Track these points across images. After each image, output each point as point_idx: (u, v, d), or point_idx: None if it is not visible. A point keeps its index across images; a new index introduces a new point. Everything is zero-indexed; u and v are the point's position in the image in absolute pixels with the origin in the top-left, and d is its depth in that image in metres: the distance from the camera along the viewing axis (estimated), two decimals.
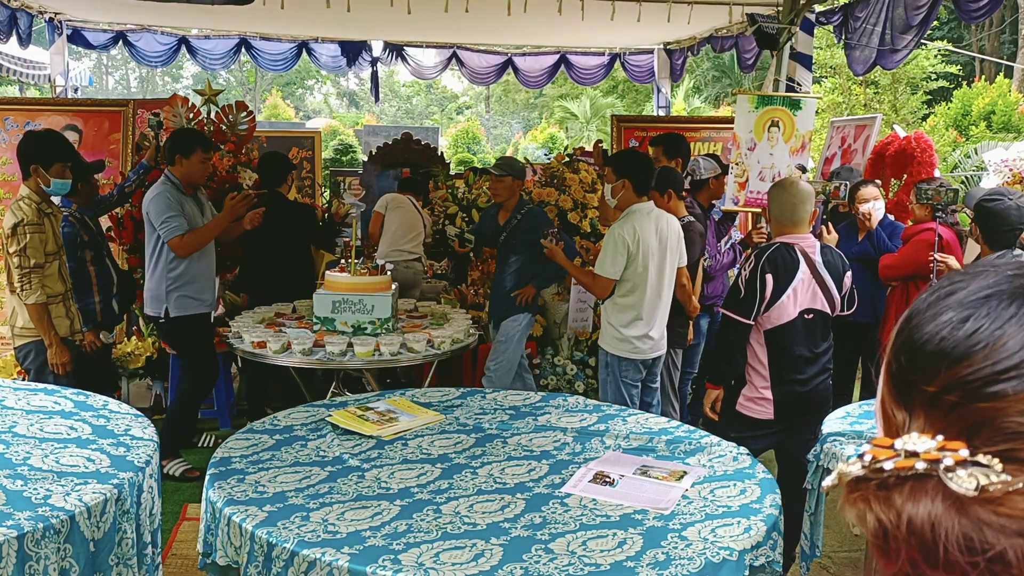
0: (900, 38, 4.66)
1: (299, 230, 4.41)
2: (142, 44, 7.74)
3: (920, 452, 0.48)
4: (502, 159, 4.44)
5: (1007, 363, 0.50)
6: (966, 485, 0.46)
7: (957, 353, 0.52)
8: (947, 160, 9.92)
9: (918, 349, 0.54)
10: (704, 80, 19.87)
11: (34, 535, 1.86)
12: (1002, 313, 0.52)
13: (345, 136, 13.44)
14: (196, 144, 3.86)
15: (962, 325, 0.53)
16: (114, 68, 27.96)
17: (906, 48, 4.72)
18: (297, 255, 4.49)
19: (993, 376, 0.50)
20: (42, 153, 3.43)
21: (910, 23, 4.52)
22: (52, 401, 2.77)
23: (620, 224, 3.45)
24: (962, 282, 0.56)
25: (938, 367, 0.53)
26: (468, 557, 1.78)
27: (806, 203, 2.82)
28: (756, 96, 4.47)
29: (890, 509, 0.48)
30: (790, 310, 2.78)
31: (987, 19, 16.02)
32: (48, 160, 3.42)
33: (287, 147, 6.84)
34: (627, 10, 5.57)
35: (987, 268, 0.56)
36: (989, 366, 0.51)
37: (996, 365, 0.51)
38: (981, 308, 0.53)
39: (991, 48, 17.76)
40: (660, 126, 6.54)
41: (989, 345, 0.51)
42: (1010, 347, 0.51)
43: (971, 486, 0.46)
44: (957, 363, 0.52)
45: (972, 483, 0.46)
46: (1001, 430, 0.49)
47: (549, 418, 2.70)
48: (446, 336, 3.53)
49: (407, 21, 5.90)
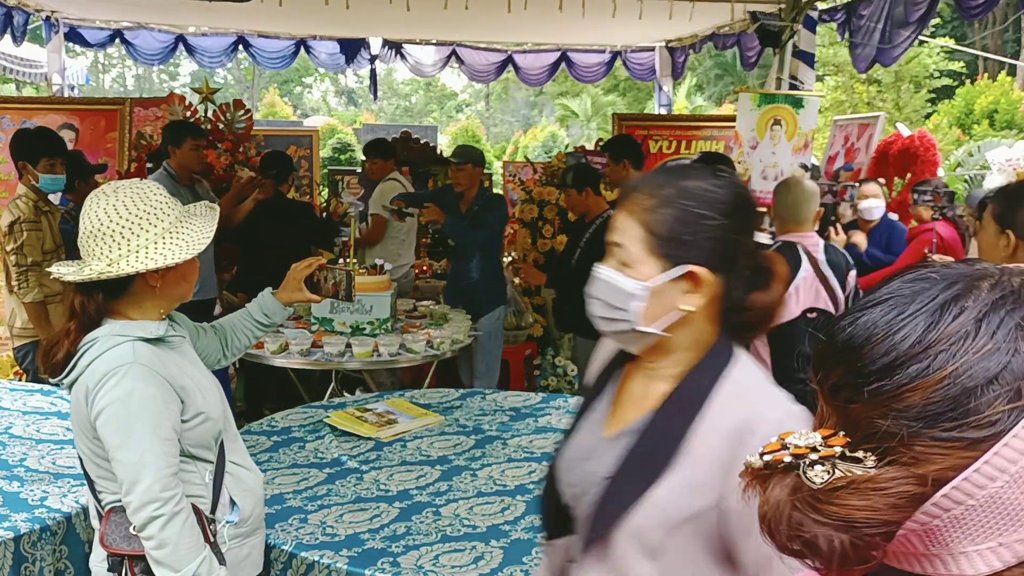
0: (898, 34, 4.64)
1: (298, 229, 4.39)
2: (139, 42, 7.71)
3: (800, 445, 0.53)
4: (461, 147, 4.33)
5: (876, 364, 0.52)
6: (815, 480, 0.51)
7: (842, 352, 0.54)
8: (950, 158, 9.90)
9: (822, 348, 0.57)
10: (706, 78, 19.85)
11: (30, 536, 1.85)
12: (906, 308, 0.53)
13: (343, 134, 13.41)
14: (186, 133, 3.98)
15: (851, 324, 0.54)
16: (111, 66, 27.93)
17: (903, 44, 4.71)
18: (295, 254, 4.46)
19: (864, 377, 0.52)
20: (29, 150, 3.42)
21: (908, 19, 4.50)
22: (49, 402, 2.74)
23: None
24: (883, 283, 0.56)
25: (831, 365, 0.55)
26: (468, 560, 1.76)
27: (810, 202, 2.80)
28: (758, 94, 4.45)
29: (762, 494, 0.54)
30: (793, 309, 2.76)
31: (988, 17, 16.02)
32: (35, 156, 3.40)
33: (285, 145, 6.81)
34: (628, 7, 5.54)
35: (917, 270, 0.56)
36: (863, 366, 0.52)
37: (867, 367, 0.52)
38: (876, 308, 0.54)
39: (994, 46, 17.74)
40: (661, 124, 6.52)
41: (871, 342, 0.53)
42: (880, 349, 0.52)
43: (818, 480, 0.51)
44: (841, 362, 0.54)
45: (821, 478, 0.51)
46: (870, 429, 0.52)
47: (550, 419, 2.68)
48: (446, 336, 3.51)
49: (406, 18, 5.88)
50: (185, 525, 1.44)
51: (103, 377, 1.45)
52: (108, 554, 1.51)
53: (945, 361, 0.49)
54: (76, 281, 1.48)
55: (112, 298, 1.52)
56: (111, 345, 1.48)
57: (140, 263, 1.46)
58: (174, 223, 1.52)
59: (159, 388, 1.47)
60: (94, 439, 1.48)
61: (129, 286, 1.51)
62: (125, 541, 1.48)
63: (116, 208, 1.48)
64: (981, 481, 0.48)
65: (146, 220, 1.48)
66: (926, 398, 0.49)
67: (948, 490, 0.48)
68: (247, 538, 1.67)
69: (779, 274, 1.09)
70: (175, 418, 1.49)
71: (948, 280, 0.53)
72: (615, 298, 1.05)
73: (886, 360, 0.51)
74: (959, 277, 0.53)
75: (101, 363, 1.46)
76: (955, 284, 0.53)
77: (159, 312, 1.57)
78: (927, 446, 0.49)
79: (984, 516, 0.48)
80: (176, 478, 1.47)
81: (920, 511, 0.49)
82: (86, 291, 1.50)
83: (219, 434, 1.62)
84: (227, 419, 1.68)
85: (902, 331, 0.51)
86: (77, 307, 1.51)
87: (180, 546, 1.43)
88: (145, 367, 1.46)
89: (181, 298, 1.61)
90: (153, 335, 1.51)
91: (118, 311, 1.53)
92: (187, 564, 1.43)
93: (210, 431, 1.57)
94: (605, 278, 1.07)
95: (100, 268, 1.46)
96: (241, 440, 1.75)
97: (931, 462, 0.49)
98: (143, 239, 1.47)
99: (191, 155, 3.96)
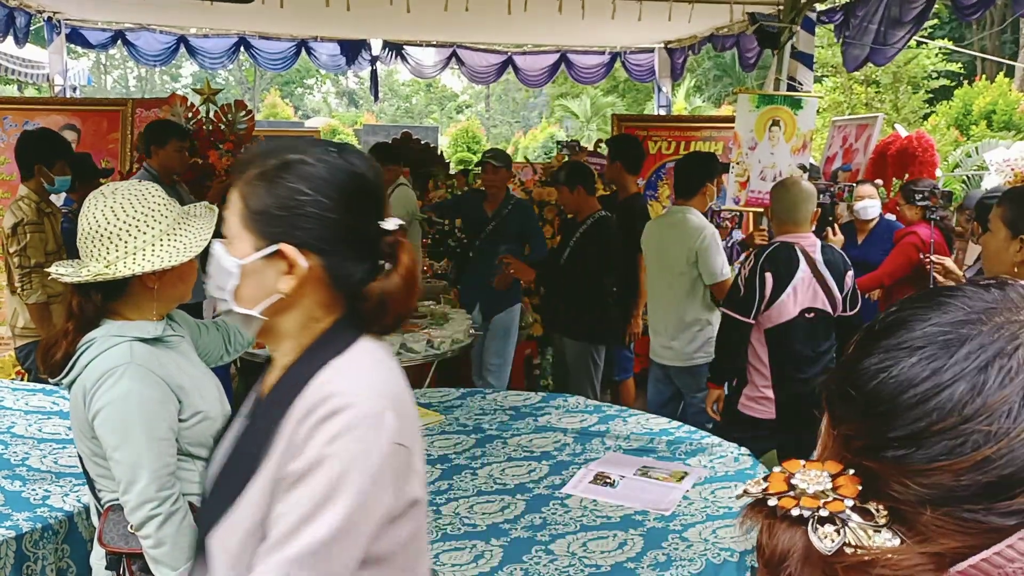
0: (892, 34, 4.66)
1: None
2: (141, 43, 7.73)
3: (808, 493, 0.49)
4: (497, 151, 4.49)
5: (904, 430, 0.47)
6: (824, 542, 0.48)
7: (866, 404, 0.50)
8: (948, 159, 9.91)
9: (841, 390, 0.52)
10: (705, 79, 19.86)
11: (32, 535, 1.86)
12: (944, 364, 0.47)
13: (344, 135, 13.43)
14: (170, 134, 3.94)
15: (880, 373, 0.50)
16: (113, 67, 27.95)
17: (898, 44, 4.72)
18: None
19: (888, 441, 0.48)
20: (45, 152, 3.44)
21: (903, 19, 4.51)
22: (51, 402, 2.76)
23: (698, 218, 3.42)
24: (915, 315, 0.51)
25: (850, 413, 0.51)
26: (468, 558, 1.77)
27: (808, 202, 2.81)
28: (757, 95, 4.46)
29: (770, 537, 0.50)
30: (790, 309, 2.77)
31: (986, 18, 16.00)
32: (51, 159, 3.43)
33: None
34: (628, 9, 5.56)
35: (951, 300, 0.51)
36: (888, 429, 0.48)
37: (894, 430, 0.48)
38: (910, 358, 0.49)
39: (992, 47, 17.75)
40: (661, 125, 6.53)
41: (901, 403, 0.48)
42: (912, 415, 0.48)
43: (828, 544, 0.47)
44: (862, 415, 0.50)
45: (831, 541, 0.47)
46: (885, 490, 0.48)
47: (549, 419, 2.69)
48: (446, 336, 3.52)
49: (407, 20, 5.89)
50: (182, 524, 1.45)
51: (100, 378, 1.46)
52: (106, 552, 1.52)
53: (983, 441, 0.45)
54: (73, 282, 1.49)
55: (110, 299, 1.53)
56: (108, 346, 1.49)
57: (137, 265, 1.47)
58: (172, 225, 1.52)
59: (156, 388, 1.48)
60: (92, 439, 1.49)
61: (127, 287, 1.52)
62: (123, 539, 1.50)
63: (113, 210, 1.49)
64: (999, 562, 0.45)
65: (143, 222, 1.49)
66: (955, 479, 0.45)
67: (964, 567, 0.46)
68: None
69: (404, 263, 0.98)
70: (172, 418, 1.50)
71: (992, 326, 0.48)
72: (219, 276, 0.98)
73: (916, 428, 0.46)
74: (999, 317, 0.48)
75: (98, 364, 1.47)
76: (1000, 329, 0.47)
77: (157, 313, 1.57)
78: (945, 521, 0.46)
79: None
80: (173, 477, 1.48)
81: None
82: (84, 292, 1.51)
83: (218, 433, 1.63)
84: (227, 417, 1.69)
85: (939, 397, 0.46)
86: (75, 308, 1.52)
87: (177, 545, 1.44)
88: (142, 367, 1.47)
89: (179, 299, 1.62)
90: (151, 335, 1.52)
91: (116, 311, 1.54)
92: (184, 563, 1.44)
93: (208, 430, 1.58)
94: (213, 254, 0.99)
95: (97, 270, 1.47)
96: None
97: (949, 538, 0.46)
98: (140, 241, 1.48)
99: (174, 156, 3.92)
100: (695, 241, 3.33)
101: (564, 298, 3.83)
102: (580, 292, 3.73)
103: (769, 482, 0.51)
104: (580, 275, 3.71)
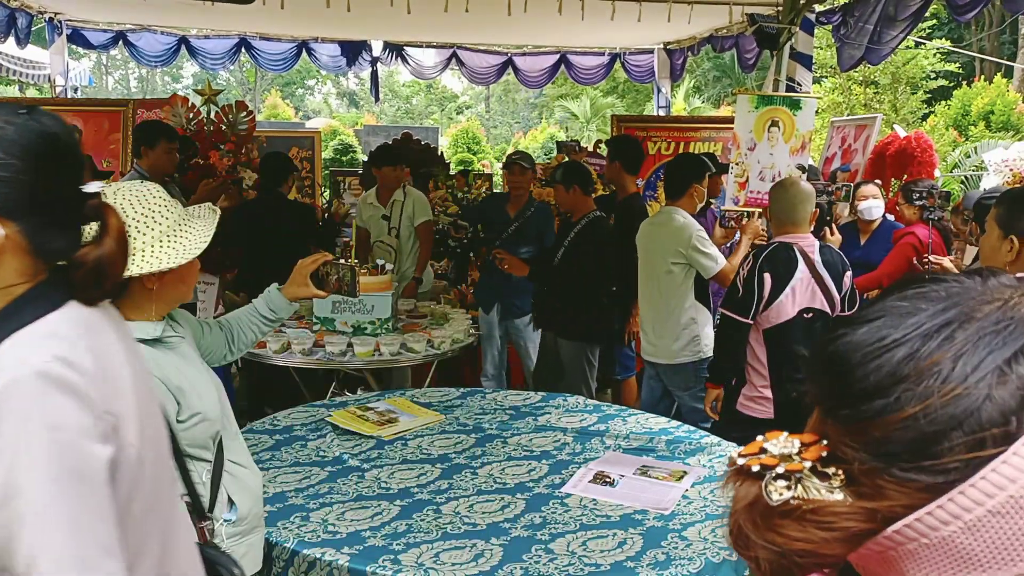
0: (887, 33, 4.67)
1: (299, 230, 4.41)
2: (142, 44, 7.74)
3: (773, 454, 0.52)
4: (523, 154, 4.56)
5: (851, 389, 0.50)
6: (773, 496, 0.51)
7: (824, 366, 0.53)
8: (947, 160, 9.93)
9: (812, 354, 0.56)
10: (704, 80, 19.86)
11: None
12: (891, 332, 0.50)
13: (345, 136, 13.43)
14: (160, 135, 3.97)
15: (840, 338, 0.52)
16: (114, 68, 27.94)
17: (891, 43, 4.74)
18: (297, 255, 4.48)
19: (836, 399, 0.51)
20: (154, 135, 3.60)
21: (898, 16, 4.53)
22: None
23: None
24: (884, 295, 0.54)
25: (813, 376, 0.55)
26: (468, 557, 1.78)
27: (806, 203, 2.82)
28: (756, 96, 4.47)
29: (732, 488, 0.54)
30: (789, 309, 2.78)
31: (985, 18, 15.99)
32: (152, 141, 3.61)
33: (287, 147, 6.84)
34: (627, 10, 5.57)
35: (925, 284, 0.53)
36: (838, 389, 0.51)
37: (841, 390, 0.51)
38: (868, 325, 0.51)
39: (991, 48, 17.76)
40: (660, 126, 6.55)
41: (850, 364, 0.51)
42: (856, 375, 0.50)
43: (776, 497, 0.50)
44: (822, 377, 0.53)
45: (779, 495, 0.50)
46: (837, 452, 0.51)
47: (549, 418, 2.70)
48: (446, 336, 3.53)
49: (407, 21, 5.90)
50: None
51: None
52: None
53: (909, 401, 0.47)
54: None
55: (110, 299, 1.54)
56: None
57: (136, 267, 1.46)
58: (172, 226, 1.52)
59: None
60: None
61: (126, 288, 1.51)
62: None
63: None
64: (933, 523, 0.47)
65: (143, 223, 1.49)
66: (886, 436, 0.48)
67: (899, 527, 0.48)
68: (245, 536, 1.68)
69: (114, 226, 0.96)
70: (169, 420, 1.50)
71: (949, 302, 0.50)
72: None
73: (859, 387, 0.50)
74: (964, 298, 0.50)
75: None
76: (954, 307, 0.49)
77: (157, 313, 1.57)
78: (885, 481, 0.48)
79: (938, 556, 0.47)
80: None
81: (872, 541, 0.49)
82: None
83: (217, 434, 1.63)
84: (227, 418, 1.69)
85: (879, 359, 0.49)
86: None
87: None
88: None
89: (179, 300, 1.62)
90: (150, 336, 1.52)
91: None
92: None
93: (207, 431, 1.58)
94: None
95: None
96: (241, 439, 1.76)
97: (886, 497, 0.48)
98: (140, 242, 1.48)
99: (164, 158, 3.94)
100: (680, 240, 3.35)
101: (559, 298, 3.83)
102: (575, 292, 3.74)
103: (745, 447, 0.54)
104: (575, 275, 3.72)
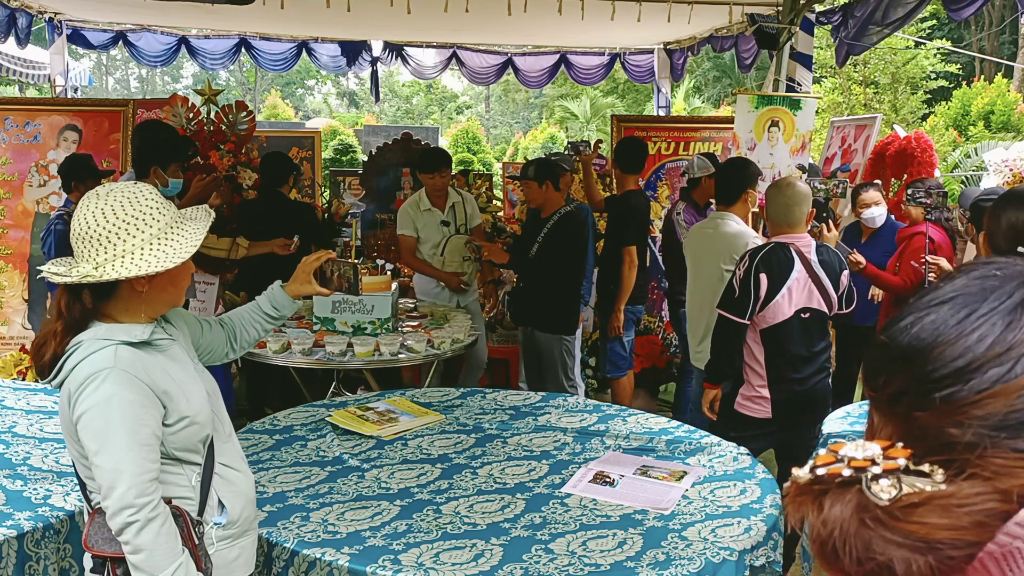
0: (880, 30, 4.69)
1: (299, 230, 4.41)
2: (142, 44, 7.74)
3: (857, 458, 0.47)
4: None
5: (948, 368, 0.47)
6: (882, 495, 0.46)
7: (906, 355, 0.50)
8: (947, 160, 9.93)
9: (880, 352, 0.53)
10: (704, 80, 19.87)
11: (34, 535, 1.87)
12: (978, 307, 0.48)
13: (345, 136, 13.42)
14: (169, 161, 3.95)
15: (914, 325, 0.50)
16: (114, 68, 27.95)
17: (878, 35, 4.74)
18: (297, 255, 4.49)
19: (934, 382, 0.48)
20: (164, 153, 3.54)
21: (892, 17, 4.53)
22: (52, 401, 2.76)
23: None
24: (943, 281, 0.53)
25: (892, 370, 0.51)
26: (468, 557, 1.78)
27: (802, 204, 2.82)
28: (756, 96, 4.47)
29: (818, 514, 0.48)
30: (785, 309, 2.78)
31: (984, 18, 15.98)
32: (168, 160, 3.54)
33: (287, 147, 6.83)
34: (627, 10, 5.57)
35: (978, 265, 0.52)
36: (933, 370, 0.48)
37: (938, 370, 0.48)
38: (942, 307, 0.50)
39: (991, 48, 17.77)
40: (660, 126, 6.54)
41: (940, 343, 0.48)
42: (953, 351, 0.48)
43: (885, 496, 0.46)
44: (905, 366, 0.50)
45: (888, 494, 0.46)
46: (941, 439, 0.47)
47: (549, 418, 2.70)
48: (446, 336, 3.53)
49: (407, 21, 5.90)
50: (161, 531, 1.43)
51: (84, 381, 1.45)
52: (91, 556, 1.52)
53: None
54: (61, 283, 1.48)
55: (101, 300, 1.51)
56: (94, 349, 1.47)
57: (124, 269, 1.45)
58: (164, 229, 1.50)
59: (139, 393, 1.46)
60: (79, 442, 1.48)
61: (116, 289, 1.50)
62: (107, 543, 1.48)
63: (104, 212, 1.47)
64: None
65: (133, 225, 1.47)
66: (1009, 405, 0.45)
67: None
68: (236, 539, 1.66)
69: None
70: (155, 423, 1.48)
71: (1018, 277, 0.49)
72: None
73: (960, 363, 0.47)
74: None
75: (83, 367, 1.46)
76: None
77: (147, 316, 1.56)
78: (1008, 458, 0.44)
79: None
80: (155, 483, 1.46)
81: (1002, 531, 0.45)
82: (74, 293, 1.50)
83: (207, 437, 1.60)
84: (219, 421, 1.67)
85: (977, 331, 0.47)
86: (63, 308, 1.50)
87: (155, 552, 1.42)
88: (125, 372, 1.45)
89: (170, 303, 1.60)
90: (138, 339, 1.50)
91: (107, 313, 1.53)
92: (163, 570, 1.43)
93: (196, 435, 1.56)
94: None
95: (86, 271, 1.46)
96: (235, 441, 1.74)
97: (1014, 476, 0.44)
98: (129, 244, 1.46)
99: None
100: (735, 247, 3.19)
101: (535, 291, 3.91)
102: (550, 286, 3.82)
103: (815, 459, 0.49)
104: (549, 269, 3.81)
